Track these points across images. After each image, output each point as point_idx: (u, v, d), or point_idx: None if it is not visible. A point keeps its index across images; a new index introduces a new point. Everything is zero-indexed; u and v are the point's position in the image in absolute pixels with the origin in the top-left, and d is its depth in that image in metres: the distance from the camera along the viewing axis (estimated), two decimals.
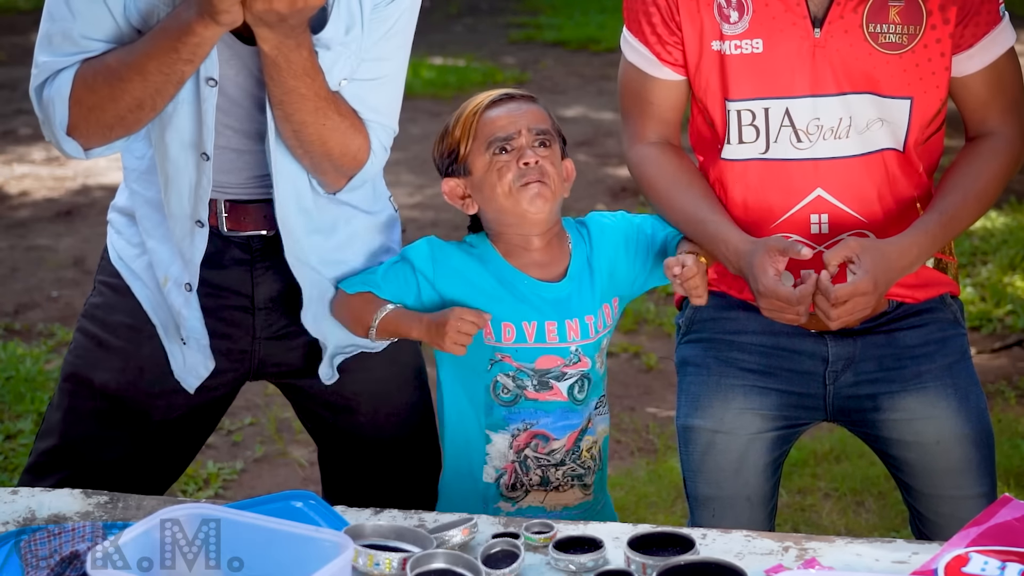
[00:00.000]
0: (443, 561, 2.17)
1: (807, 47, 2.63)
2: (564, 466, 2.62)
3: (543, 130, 2.58)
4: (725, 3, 2.66)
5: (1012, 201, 6.98)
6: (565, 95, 9.41)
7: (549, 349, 2.58)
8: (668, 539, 2.25)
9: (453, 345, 2.49)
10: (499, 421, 2.60)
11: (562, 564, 2.21)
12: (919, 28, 2.63)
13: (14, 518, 2.39)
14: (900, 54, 2.63)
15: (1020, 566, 2.06)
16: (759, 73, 2.66)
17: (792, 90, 2.65)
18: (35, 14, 12.33)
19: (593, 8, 12.48)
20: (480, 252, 2.64)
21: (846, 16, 2.62)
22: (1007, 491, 2.31)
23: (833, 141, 2.66)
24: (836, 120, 2.65)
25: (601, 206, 6.94)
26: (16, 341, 5.56)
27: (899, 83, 2.65)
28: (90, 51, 2.54)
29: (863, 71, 2.64)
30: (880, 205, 2.70)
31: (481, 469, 2.63)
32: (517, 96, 2.61)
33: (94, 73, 2.54)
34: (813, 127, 2.65)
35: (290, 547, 2.06)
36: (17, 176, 7.78)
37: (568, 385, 2.59)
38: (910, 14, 2.63)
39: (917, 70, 2.65)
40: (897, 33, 2.63)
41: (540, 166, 2.54)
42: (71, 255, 6.60)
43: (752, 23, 2.64)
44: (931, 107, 2.70)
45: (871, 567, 2.22)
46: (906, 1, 2.62)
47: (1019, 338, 5.41)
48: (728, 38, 2.66)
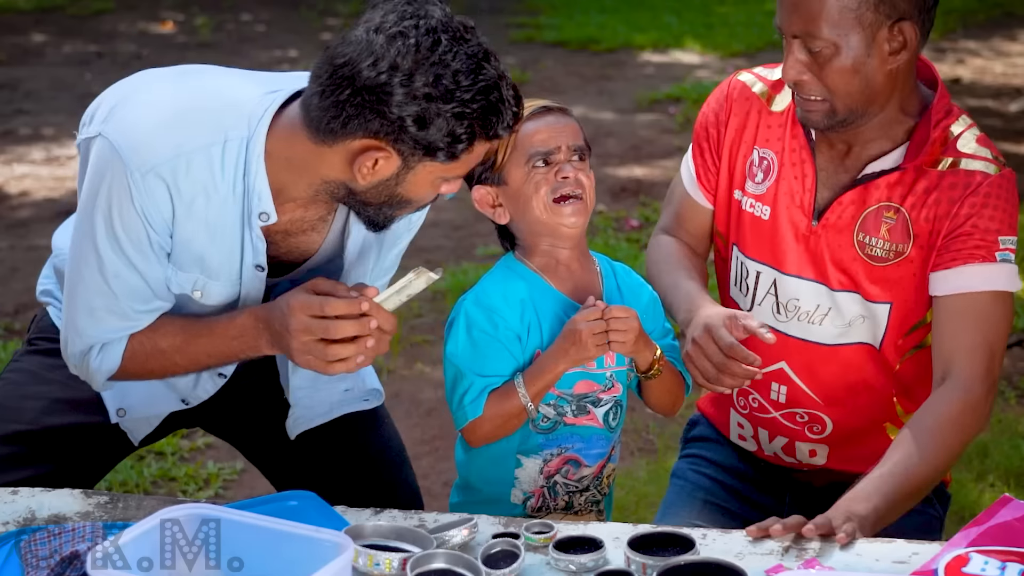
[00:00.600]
0: (443, 561, 2.17)
1: (803, 232, 2.71)
2: (588, 492, 2.64)
3: (579, 146, 2.59)
4: (758, 160, 2.77)
5: None
6: (565, 95, 9.40)
7: (587, 374, 2.59)
8: (668, 539, 2.26)
9: (599, 348, 2.50)
10: (533, 447, 2.60)
11: (562, 564, 2.21)
12: (906, 247, 2.66)
13: (14, 518, 2.39)
14: (884, 266, 2.67)
15: (1020, 566, 2.06)
16: (760, 238, 2.76)
17: (783, 265, 2.74)
18: (35, 14, 12.34)
19: (593, 8, 12.46)
20: (527, 280, 2.61)
21: (843, 218, 2.68)
22: (1007, 491, 2.30)
23: (806, 324, 2.73)
24: (813, 306, 2.72)
25: (601, 206, 6.94)
26: (16, 341, 5.55)
27: (880, 290, 2.69)
28: (139, 324, 2.54)
29: (848, 271, 2.69)
30: (845, 392, 2.76)
31: (508, 492, 2.63)
32: (554, 109, 2.62)
33: (145, 355, 2.54)
34: (792, 305, 2.74)
35: (290, 547, 2.06)
36: (17, 176, 7.77)
37: (604, 412, 2.62)
38: (899, 233, 2.66)
39: (900, 282, 2.68)
40: (884, 248, 2.67)
41: (577, 178, 2.56)
42: None
43: (770, 189, 2.74)
44: (913, 316, 2.72)
45: (871, 567, 2.22)
46: (897, 220, 2.65)
47: (1019, 338, 5.41)
48: (748, 194, 2.77)
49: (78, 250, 2.51)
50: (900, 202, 2.64)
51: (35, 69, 10.25)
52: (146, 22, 12.25)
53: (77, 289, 2.51)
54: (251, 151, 2.42)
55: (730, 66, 10.28)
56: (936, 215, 2.62)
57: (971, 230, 2.60)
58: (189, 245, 2.48)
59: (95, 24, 12.10)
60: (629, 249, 6.34)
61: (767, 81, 2.81)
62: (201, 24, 12.06)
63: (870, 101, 2.60)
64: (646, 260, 2.99)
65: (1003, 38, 11.46)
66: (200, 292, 2.54)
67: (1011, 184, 2.66)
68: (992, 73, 10.17)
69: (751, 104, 2.80)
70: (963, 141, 2.65)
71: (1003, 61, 10.62)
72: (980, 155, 2.64)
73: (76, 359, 2.57)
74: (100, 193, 2.44)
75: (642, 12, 12.18)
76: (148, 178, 2.40)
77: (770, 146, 2.75)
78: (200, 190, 2.43)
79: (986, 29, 11.80)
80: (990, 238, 2.60)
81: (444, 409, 4.72)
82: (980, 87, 9.70)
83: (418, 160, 2.37)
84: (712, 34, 11.41)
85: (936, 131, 2.64)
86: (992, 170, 2.63)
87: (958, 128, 2.67)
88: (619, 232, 6.65)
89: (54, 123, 8.82)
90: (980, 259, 2.60)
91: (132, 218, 2.43)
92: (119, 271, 2.46)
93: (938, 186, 2.62)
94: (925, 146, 2.62)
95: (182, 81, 2.56)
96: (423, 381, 5.03)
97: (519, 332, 2.56)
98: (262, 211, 2.46)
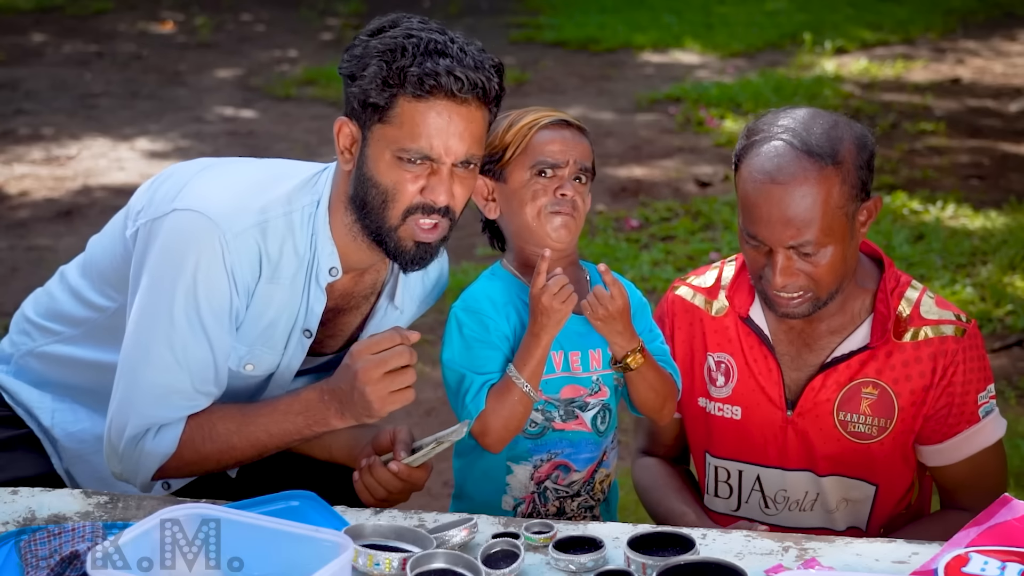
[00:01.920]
0: (443, 561, 2.17)
1: (779, 423, 2.72)
2: (579, 497, 2.65)
3: (586, 167, 2.61)
4: (715, 365, 2.77)
5: (1012, 201, 6.98)
6: (565, 95, 9.40)
7: (573, 379, 2.61)
8: (668, 539, 2.26)
9: (566, 304, 2.49)
10: (522, 453, 2.61)
11: (562, 564, 2.21)
12: (890, 421, 2.66)
13: (14, 518, 2.39)
14: (868, 444, 2.68)
15: (1020, 566, 2.05)
16: (737, 438, 2.76)
17: (765, 459, 2.75)
18: (35, 14, 12.34)
19: (593, 8, 12.46)
20: (506, 283, 2.64)
21: (819, 403, 2.68)
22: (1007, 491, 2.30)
23: (798, 513, 2.74)
24: (802, 493, 2.73)
25: (601, 206, 6.94)
26: None
27: (865, 470, 2.70)
28: (200, 405, 2.55)
29: (830, 454, 2.70)
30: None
31: (500, 499, 2.64)
32: (573, 125, 2.63)
33: (203, 437, 2.55)
34: (780, 497, 2.75)
35: (290, 547, 2.06)
36: (17, 176, 7.77)
37: (592, 416, 2.63)
38: (882, 407, 2.66)
39: (886, 460, 2.69)
40: (867, 424, 2.68)
41: (573, 200, 2.57)
42: (71, 255, 6.55)
43: (735, 391, 2.74)
44: (897, 492, 2.74)
45: (871, 567, 2.21)
46: (879, 395, 2.66)
47: (1019, 338, 5.41)
48: (714, 399, 2.78)
49: (144, 327, 2.50)
50: (878, 377, 2.66)
51: (35, 69, 10.25)
52: (146, 22, 12.26)
53: (140, 370, 2.51)
54: (318, 214, 2.55)
55: (730, 66, 10.30)
56: (919, 387, 2.65)
57: (953, 400, 2.65)
58: (264, 311, 2.55)
59: (95, 24, 12.11)
60: (629, 249, 6.34)
61: (701, 289, 2.83)
62: (201, 24, 12.07)
63: (846, 278, 2.63)
64: (635, 486, 2.98)
65: (1003, 38, 11.47)
66: (252, 365, 2.60)
67: (977, 339, 2.70)
68: (992, 73, 10.17)
69: (692, 315, 2.80)
70: (924, 308, 2.69)
71: (1003, 61, 10.62)
72: (945, 319, 2.68)
73: (129, 444, 2.54)
74: (185, 262, 2.47)
75: (642, 12, 12.19)
76: (241, 238, 2.48)
77: (723, 349, 2.74)
78: (282, 252, 2.52)
79: (986, 29, 11.80)
80: (970, 400, 2.66)
81: (444, 409, 4.72)
82: (980, 87, 9.70)
83: (368, 125, 2.47)
84: (712, 34, 11.42)
85: (894, 300, 2.67)
86: (960, 333, 2.67)
87: (913, 294, 2.70)
88: (619, 232, 6.65)
89: (54, 123, 8.83)
90: (966, 424, 2.66)
91: (220, 280, 2.47)
92: (188, 343, 2.49)
93: (916, 358, 2.65)
94: (889, 323, 2.65)
95: (236, 162, 2.69)
96: (423, 381, 5.03)
97: (507, 332, 2.59)
98: (332, 266, 2.56)
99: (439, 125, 2.43)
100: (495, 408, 2.53)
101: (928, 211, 6.87)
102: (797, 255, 2.54)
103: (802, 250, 2.52)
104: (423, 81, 2.41)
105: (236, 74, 10.38)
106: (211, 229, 2.45)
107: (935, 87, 9.60)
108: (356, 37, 2.52)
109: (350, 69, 2.49)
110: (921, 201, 7.01)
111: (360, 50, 2.48)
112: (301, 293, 2.56)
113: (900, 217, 6.80)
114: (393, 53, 2.43)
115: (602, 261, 6.04)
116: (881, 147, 8.12)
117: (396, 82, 2.42)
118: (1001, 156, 8.03)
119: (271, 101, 9.50)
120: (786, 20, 11.89)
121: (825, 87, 9.36)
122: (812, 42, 10.83)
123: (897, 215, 6.82)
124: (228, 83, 10.11)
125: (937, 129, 8.49)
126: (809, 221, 2.49)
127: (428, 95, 2.42)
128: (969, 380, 2.65)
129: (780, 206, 2.49)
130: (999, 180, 7.53)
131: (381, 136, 2.46)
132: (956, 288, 5.82)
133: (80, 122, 8.91)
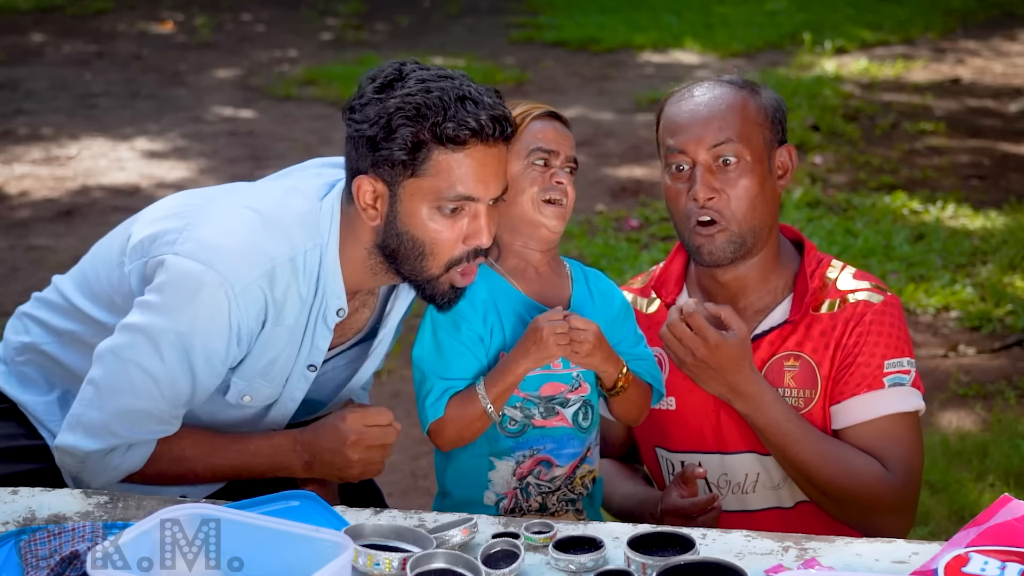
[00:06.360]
0: (443, 561, 2.17)
1: (711, 407, 2.75)
2: (559, 491, 2.65)
3: (574, 159, 2.66)
4: None
5: (1012, 201, 6.99)
6: (565, 95, 9.40)
7: (553, 376, 2.61)
8: (668, 539, 2.26)
9: (560, 348, 2.52)
10: (504, 449, 2.62)
11: (562, 564, 2.21)
12: (815, 392, 2.70)
13: (14, 518, 2.39)
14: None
15: (1020, 566, 2.05)
16: (676, 429, 2.80)
17: (703, 445, 2.78)
18: (35, 14, 12.35)
19: (593, 8, 12.46)
20: (489, 281, 2.64)
21: None
22: (1007, 491, 2.30)
23: (741, 495, 2.77)
24: (743, 476, 2.76)
25: (601, 206, 6.93)
26: None
27: None
28: (172, 429, 2.57)
29: None
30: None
31: (482, 494, 2.64)
32: (560, 118, 2.68)
33: (169, 459, 2.58)
34: (723, 481, 2.78)
35: (290, 547, 2.06)
36: (17, 176, 7.77)
37: (572, 412, 2.63)
38: (805, 378, 2.70)
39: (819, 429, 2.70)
40: (793, 396, 2.71)
41: (566, 188, 2.61)
42: (71, 255, 6.59)
43: (668, 382, 2.78)
44: None
45: (871, 567, 2.21)
46: (800, 366, 2.70)
47: (1019, 338, 5.41)
48: None
49: (132, 357, 2.48)
50: (798, 349, 2.70)
51: (35, 69, 10.25)
52: (146, 22, 12.27)
53: (121, 394, 2.50)
54: (327, 259, 2.53)
55: (730, 66, 10.29)
56: (835, 353, 2.68)
57: (856, 360, 2.67)
58: (265, 352, 2.54)
59: (95, 24, 12.11)
60: (629, 249, 6.34)
61: (635, 290, 2.90)
62: (201, 24, 12.07)
63: (766, 227, 2.68)
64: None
65: (1003, 38, 11.47)
66: (250, 396, 2.60)
67: (896, 309, 2.72)
68: (992, 73, 10.18)
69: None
70: (842, 281, 2.74)
71: (1003, 61, 10.62)
72: (861, 287, 2.72)
73: (96, 455, 2.54)
74: (186, 310, 2.45)
75: (642, 12, 12.19)
76: (249, 290, 2.46)
77: (657, 343, 2.76)
78: (287, 296, 2.51)
79: (986, 29, 11.81)
80: (875, 363, 2.67)
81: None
82: (980, 87, 9.71)
83: (397, 180, 2.44)
84: (712, 34, 11.42)
85: (814, 281, 2.72)
86: (876, 299, 2.70)
87: (833, 273, 2.75)
88: (619, 232, 6.64)
89: (54, 123, 8.83)
90: (867, 388, 2.67)
91: (220, 334, 2.46)
92: (176, 379, 2.48)
93: (832, 326, 2.69)
94: (807, 297, 2.70)
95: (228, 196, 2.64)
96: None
97: (482, 333, 2.59)
98: (340, 307, 2.56)
99: (475, 169, 2.45)
100: (453, 418, 2.56)
101: (928, 211, 6.88)
102: (719, 168, 2.66)
103: (723, 155, 2.65)
104: (459, 134, 2.41)
105: (236, 74, 10.39)
106: (218, 283, 2.43)
107: (935, 87, 9.60)
108: (360, 93, 2.47)
109: (372, 132, 2.43)
110: (921, 201, 7.01)
111: (375, 111, 2.43)
112: (304, 332, 2.56)
113: (900, 217, 6.81)
114: (419, 110, 2.40)
115: (602, 261, 6.06)
116: (881, 147, 8.14)
117: (430, 139, 2.41)
118: (1001, 156, 8.03)
119: (271, 101, 9.50)
120: (786, 20, 11.90)
121: (825, 87, 9.37)
122: (812, 42, 10.84)
123: (897, 215, 6.82)
124: (228, 83, 10.11)
125: (937, 129, 8.49)
126: (729, 120, 2.66)
127: (463, 145, 2.42)
128: (876, 343, 2.68)
129: (701, 109, 2.69)
130: (999, 180, 7.54)
131: (416, 190, 2.45)
132: (956, 288, 5.82)
133: (80, 122, 8.92)
